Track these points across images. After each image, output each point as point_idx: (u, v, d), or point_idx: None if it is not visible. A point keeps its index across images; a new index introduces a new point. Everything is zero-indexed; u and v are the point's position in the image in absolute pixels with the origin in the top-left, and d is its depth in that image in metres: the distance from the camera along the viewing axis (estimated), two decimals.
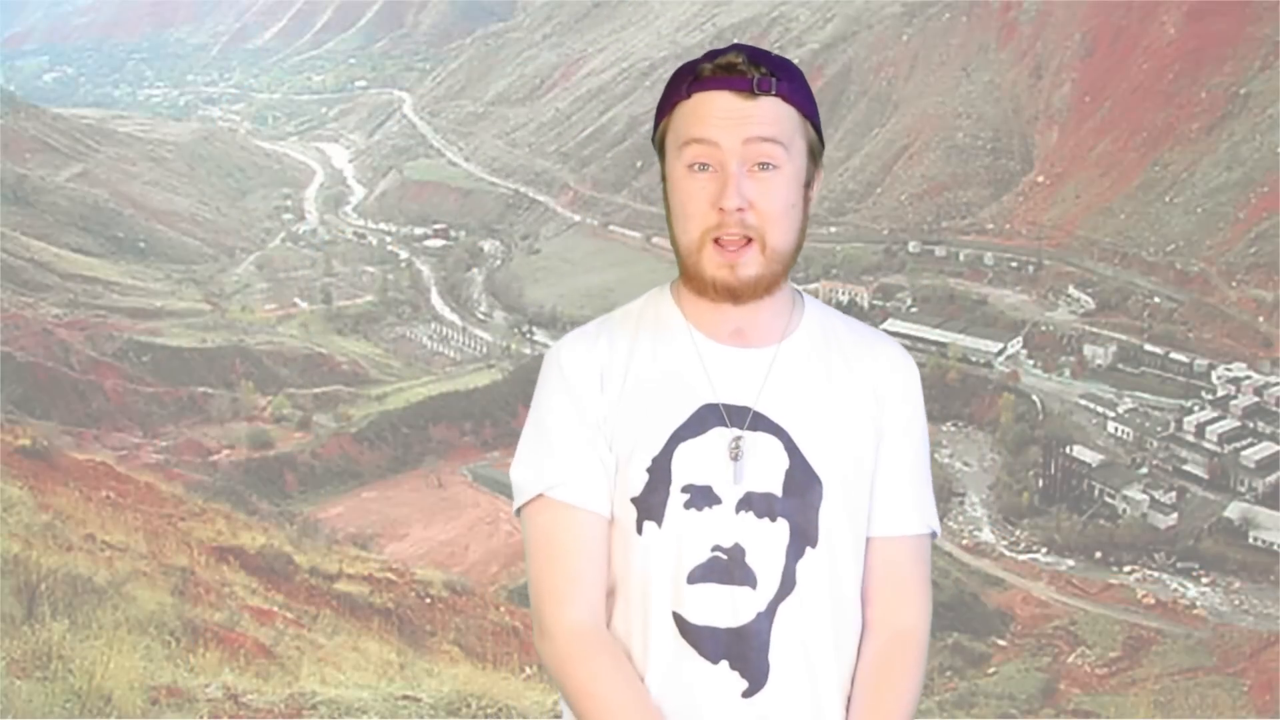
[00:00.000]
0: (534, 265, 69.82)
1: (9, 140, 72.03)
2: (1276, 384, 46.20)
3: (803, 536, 1.61)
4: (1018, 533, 41.28)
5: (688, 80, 1.62)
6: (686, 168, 1.60)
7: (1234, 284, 52.15)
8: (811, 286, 57.65)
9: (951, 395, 48.39)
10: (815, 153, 1.65)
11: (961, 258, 60.27)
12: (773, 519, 1.60)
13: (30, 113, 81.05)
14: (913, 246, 61.49)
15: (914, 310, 55.91)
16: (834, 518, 1.62)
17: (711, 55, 1.64)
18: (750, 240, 1.59)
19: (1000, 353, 51.73)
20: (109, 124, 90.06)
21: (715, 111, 1.59)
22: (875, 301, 56.52)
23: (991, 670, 32.43)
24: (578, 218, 74.21)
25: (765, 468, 1.61)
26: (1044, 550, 40.25)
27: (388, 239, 76.66)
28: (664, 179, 1.65)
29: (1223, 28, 61.65)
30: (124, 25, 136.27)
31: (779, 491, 1.61)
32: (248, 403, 48.18)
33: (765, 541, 1.60)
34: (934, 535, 1.72)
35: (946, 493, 43.27)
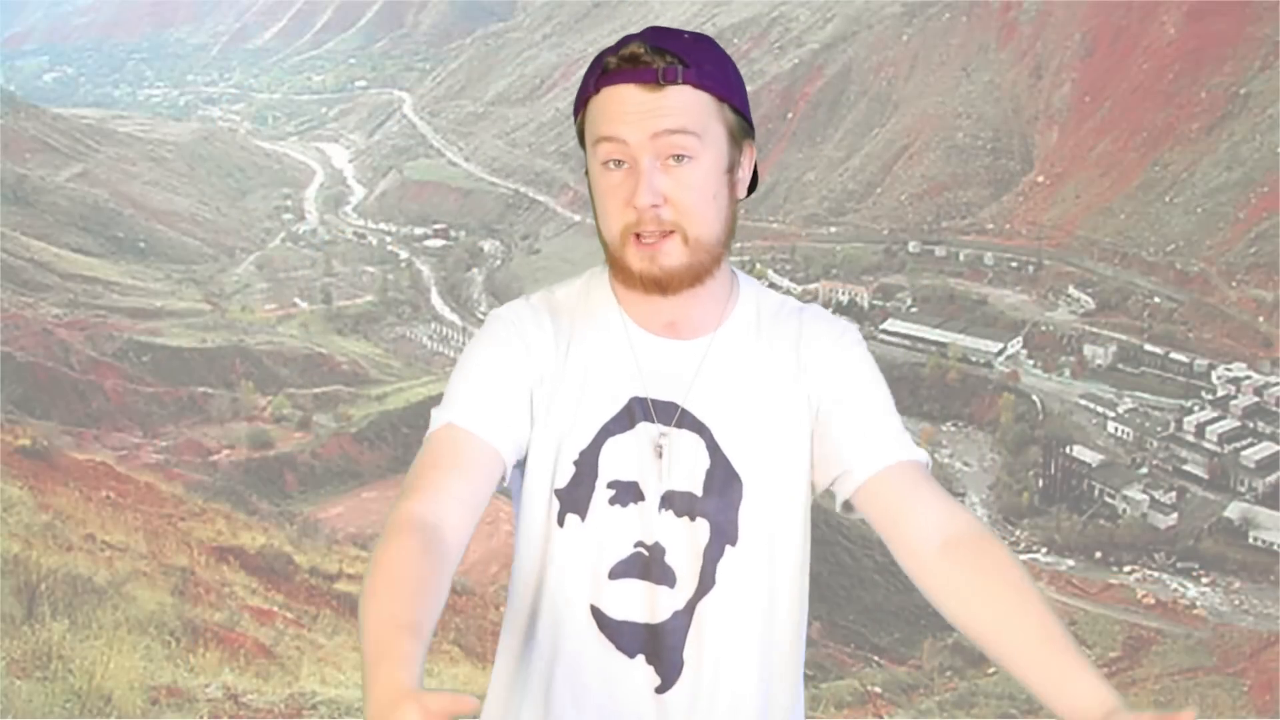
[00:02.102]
0: (534, 265, 69.77)
1: (9, 140, 71.96)
2: (1276, 384, 46.19)
3: (722, 535, 1.58)
4: (1018, 533, 41.25)
5: (596, 74, 1.57)
6: (601, 164, 1.56)
7: (1234, 284, 52.14)
8: (811, 286, 57.62)
9: (951, 395, 48.37)
10: (737, 134, 1.58)
11: (961, 258, 60.24)
12: (693, 518, 1.58)
13: (30, 113, 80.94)
14: (913, 246, 61.46)
15: (914, 310, 55.86)
16: (755, 516, 1.59)
17: (622, 42, 1.57)
18: (671, 233, 1.54)
19: (1000, 353, 51.70)
20: (109, 124, 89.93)
21: (621, 107, 1.53)
22: (875, 301, 56.47)
23: (991, 670, 32.35)
24: (578, 218, 74.11)
25: (687, 467, 1.58)
26: (1044, 550, 40.23)
27: (388, 239, 76.60)
28: (587, 172, 1.60)
29: (1223, 28, 61.64)
30: (124, 25, 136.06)
31: (699, 491, 1.58)
32: (248, 403, 48.14)
33: (685, 541, 1.58)
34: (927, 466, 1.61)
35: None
